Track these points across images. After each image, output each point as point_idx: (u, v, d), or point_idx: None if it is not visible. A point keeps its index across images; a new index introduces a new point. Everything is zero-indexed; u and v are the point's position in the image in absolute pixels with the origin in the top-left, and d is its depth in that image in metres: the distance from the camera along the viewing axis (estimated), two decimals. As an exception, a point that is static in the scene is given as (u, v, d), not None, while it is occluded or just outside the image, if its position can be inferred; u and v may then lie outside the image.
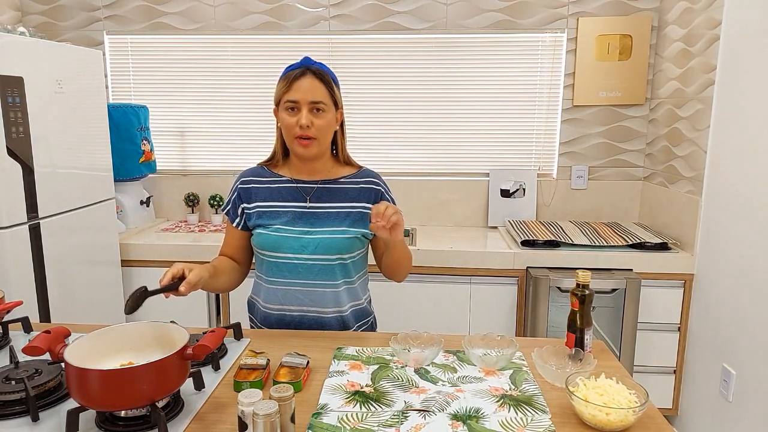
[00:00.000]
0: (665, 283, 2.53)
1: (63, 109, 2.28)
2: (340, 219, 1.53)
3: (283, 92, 1.47)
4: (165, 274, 1.27)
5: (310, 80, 1.46)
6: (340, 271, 1.54)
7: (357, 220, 1.54)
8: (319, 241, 1.50)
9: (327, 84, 1.49)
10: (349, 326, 1.59)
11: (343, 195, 1.56)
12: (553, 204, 3.12)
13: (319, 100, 1.46)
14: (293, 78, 1.46)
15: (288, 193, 1.55)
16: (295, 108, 1.46)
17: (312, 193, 1.55)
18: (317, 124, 1.47)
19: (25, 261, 2.10)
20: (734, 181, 2.21)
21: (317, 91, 1.46)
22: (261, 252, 1.54)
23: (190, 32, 3.08)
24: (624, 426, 1.07)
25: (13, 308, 1.47)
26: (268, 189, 1.56)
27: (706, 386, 2.39)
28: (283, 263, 1.52)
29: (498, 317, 2.63)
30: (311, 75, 1.47)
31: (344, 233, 1.52)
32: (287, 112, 1.47)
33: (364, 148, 3.14)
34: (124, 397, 0.99)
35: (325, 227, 1.52)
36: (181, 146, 3.23)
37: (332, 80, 1.51)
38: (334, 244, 1.51)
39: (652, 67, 2.94)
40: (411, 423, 1.09)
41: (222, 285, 1.53)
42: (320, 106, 1.47)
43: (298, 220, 1.52)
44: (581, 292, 1.34)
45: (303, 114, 1.45)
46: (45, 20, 3.11)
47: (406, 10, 2.98)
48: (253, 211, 1.54)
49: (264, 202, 1.54)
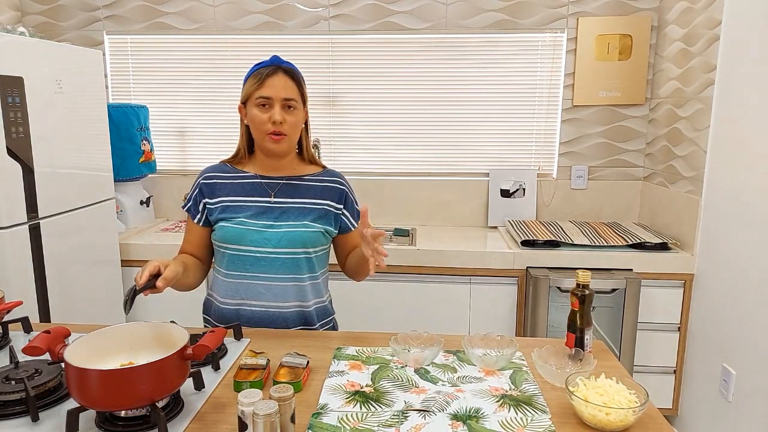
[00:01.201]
0: (665, 283, 2.53)
1: (63, 109, 2.28)
2: (304, 213, 1.55)
3: (255, 88, 1.49)
4: (142, 272, 1.27)
5: (282, 77, 1.49)
6: (306, 265, 1.55)
7: (321, 216, 1.56)
8: (283, 235, 1.51)
9: (297, 82, 1.52)
10: (313, 323, 1.59)
11: (307, 191, 1.57)
12: (553, 204, 3.12)
13: (291, 97, 1.49)
14: (266, 75, 1.49)
15: (252, 188, 1.56)
16: (267, 104, 1.48)
17: (277, 189, 1.56)
18: (289, 120, 1.49)
19: (25, 261, 2.10)
20: (734, 181, 2.21)
21: (290, 89, 1.49)
22: (222, 245, 1.54)
23: (190, 32, 3.09)
24: (624, 426, 1.07)
25: (13, 308, 1.47)
26: (231, 184, 1.57)
27: (706, 386, 2.39)
28: (246, 256, 1.52)
29: (498, 317, 2.63)
30: (283, 72, 1.50)
31: (308, 227, 1.53)
32: (259, 108, 1.49)
33: (365, 148, 3.14)
34: (124, 397, 0.99)
35: (289, 221, 1.53)
36: (181, 146, 3.23)
37: (301, 79, 1.55)
38: (299, 237, 1.52)
39: (652, 67, 2.94)
40: (411, 423, 1.09)
41: (191, 281, 1.53)
42: (292, 103, 1.50)
43: (261, 215, 1.53)
44: (581, 292, 1.34)
45: (276, 110, 1.47)
46: (45, 20, 3.11)
47: (406, 10, 2.98)
48: (217, 206, 1.55)
49: (228, 197, 1.55)
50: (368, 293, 2.66)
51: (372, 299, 2.67)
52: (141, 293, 1.26)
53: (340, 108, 3.11)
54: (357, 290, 2.66)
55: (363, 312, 2.68)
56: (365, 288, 2.65)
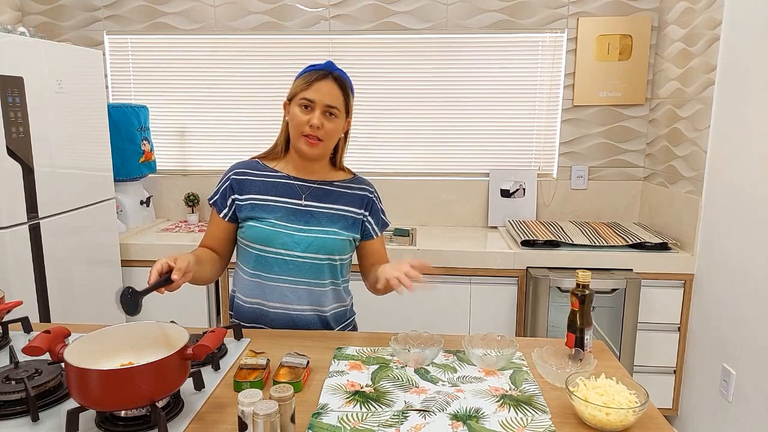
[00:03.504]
0: (665, 283, 2.53)
1: (63, 109, 2.28)
2: (333, 220, 1.54)
3: (301, 89, 1.47)
4: (151, 272, 1.25)
5: (330, 84, 1.47)
6: (329, 272, 1.55)
7: (349, 225, 1.56)
8: (313, 240, 1.51)
9: (345, 91, 1.50)
10: (332, 327, 1.60)
11: (338, 198, 1.57)
12: (553, 204, 3.12)
13: (334, 104, 1.48)
14: (315, 78, 1.47)
15: (283, 188, 1.55)
16: (309, 107, 1.47)
17: (308, 192, 1.56)
18: (327, 127, 1.48)
19: (25, 261, 2.10)
20: (734, 181, 2.21)
21: (335, 96, 1.48)
22: (250, 245, 1.53)
23: (190, 32, 3.08)
24: (624, 426, 1.07)
25: (13, 308, 1.47)
26: (262, 182, 1.56)
27: (706, 386, 2.39)
28: (273, 258, 1.51)
29: (498, 317, 2.63)
30: (332, 79, 1.48)
31: (337, 234, 1.53)
32: (300, 109, 1.48)
33: (365, 147, 3.14)
34: (124, 397, 0.99)
35: (320, 226, 1.52)
36: (181, 146, 3.23)
37: (350, 89, 1.53)
38: (327, 244, 1.51)
39: (652, 67, 2.94)
40: (411, 423, 1.09)
41: (205, 275, 1.50)
42: (334, 110, 1.48)
43: (292, 217, 1.52)
44: (581, 292, 1.34)
45: (316, 114, 1.46)
46: (45, 20, 3.11)
47: (406, 10, 2.98)
48: (246, 203, 1.53)
49: (258, 195, 1.54)
50: (368, 293, 2.65)
51: (372, 299, 2.67)
52: (155, 291, 1.24)
53: (340, 108, 3.11)
54: (356, 290, 2.65)
55: (363, 312, 2.68)
56: (365, 288, 2.65)
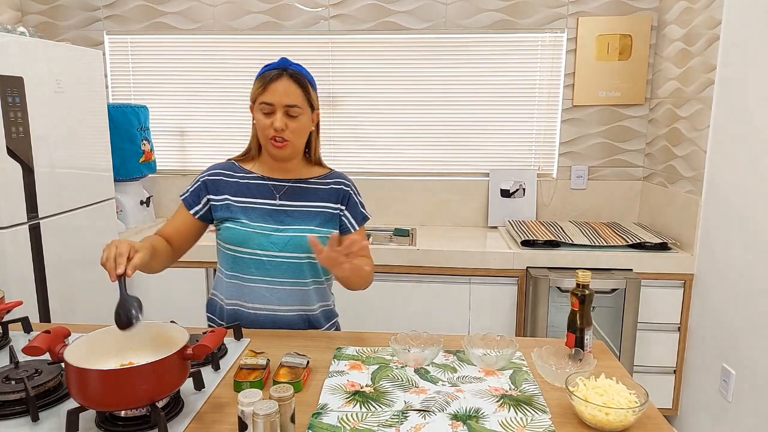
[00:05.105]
0: (665, 283, 2.53)
1: (63, 109, 2.28)
2: (310, 218, 1.54)
3: (259, 92, 1.46)
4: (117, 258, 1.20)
5: (286, 83, 1.45)
6: (310, 270, 1.55)
7: (327, 220, 1.56)
8: (289, 239, 1.50)
9: (303, 87, 1.47)
10: (320, 326, 1.59)
11: (313, 195, 1.56)
12: (552, 204, 3.12)
13: (294, 103, 1.45)
14: (269, 79, 1.45)
15: (258, 189, 1.55)
16: (269, 110, 1.45)
17: (282, 192, 1.55)
18: (291, 127, 1.47)
19: (25, 261, 2.10)
20: (734, 181, 2.21)
21: (293, 95, 1.45)
22: (228, 246, 1.52)
23: (189, 32, 3.08)
24: (624, 426, 1.07)
25: (13, 308, 1.47)
26: (237, 183, 1.55)
27: (706, 386, 2.39)
28: (250, 259, 1.51)
29: (498, 317, 2.63)
30: (287, 77, 1.45)
31: (314, 232, 1.52)
32: (262, 113, 1.47)
33: (365, 148, 3.14)
34: (124, 397, 0.99)
35: (296, 225, 1.52)
36: (181, 146, 3.23)
37: (309, 82, 1.50)
38: (305, 242, 1.50)
39: (651, 67, 2.94)
40: (411, 423, 1.09)
41: (156, 267, 1.47)
42: (295, 110, 1.46)
43: (267, 217, 1.52)
44: (581, 292, 1.34)
45: (277, 117, 1.45)
46: (45, 20, 3.11)
47: (406, 9, 2.98)
48: (221, 204, 1.53)
49: (233, 196, 1.54)
50: (368, 293, 2.65)
51: (372, 299, 2.67)
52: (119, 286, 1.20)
53: (340, 108, 3.11)
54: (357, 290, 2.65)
55: (363, 312, 2.68)
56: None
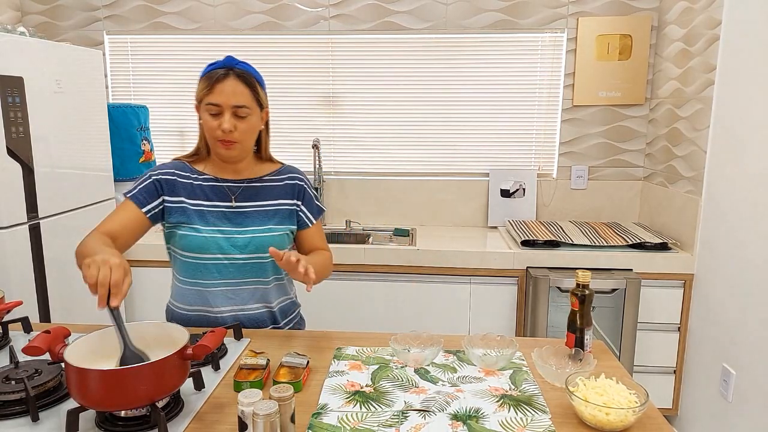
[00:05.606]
0: (665, 283, 2.53)
1: (63, 109, 2.28)
2: (267, 217, 1.53)
3: (205, 93, 1.41)
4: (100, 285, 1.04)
5: (233, 82, 1.40)
6: (272, 269, 1.54)
7: (285, 217, 1.55)
8: (249, 240, 1.49)
9: (251, 86, 1.43)
10: (278, 321, 1.59)
11: (269, 193, 1.55)
12: (552, 204, 3.12)
13: (242, 104, 1.41)
14: (216, 79, 1.40)
15: (212, 192, 1.52)
16: (216, 111, 1.42)
17: (237, 193, 1.53)
18: (240, 127, 1.43)
19: (25, 261, 2.10)
20: (734, 181, 2.21)
21: (240, 95, 1.41)
22: (185, 254, 1.49)
23: (190, 32, 3.08)
24: (624, 426, 1.07)
25: (13, 308, 1.47)
26: (191, 185, 1.51)
27: (706, 386, 2.39)
28: (212, 264, 1.48)
29: (498, 317, 2.63)
30: (235, 77, 1.41)
31: (273, 231, 1.51)
32: (209, 114, 1.43)
33: (365, 148, 3.14)
34: (124, 397, 0.99)
35: (254, 226, 1.51)
36: (181, 146, 3.23)
37: (257, 81, 1.46)
38: (266, 242, 1.49)
39: (651, 67, 2.94)
40: (411, 423, 1.09)
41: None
42: (243, 110, 1.42)
43: (225, 220, 1.50)
44: (581, 292, 1.34)
45: (226, 118, 1.41)
46: (45, 20, 3.11)
47: (406, 9, 2.98)
48: (177, 206, 1.49)
49: (188, 199, 1.49)
50: (368, 293, 2.65)
51: (372, 299, 2.67)
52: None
53: (340, 108, 3.11)
54: (357, 290, 2.66)
55: (363, 312, 2.68)
56: (365, 288, 2.65)
